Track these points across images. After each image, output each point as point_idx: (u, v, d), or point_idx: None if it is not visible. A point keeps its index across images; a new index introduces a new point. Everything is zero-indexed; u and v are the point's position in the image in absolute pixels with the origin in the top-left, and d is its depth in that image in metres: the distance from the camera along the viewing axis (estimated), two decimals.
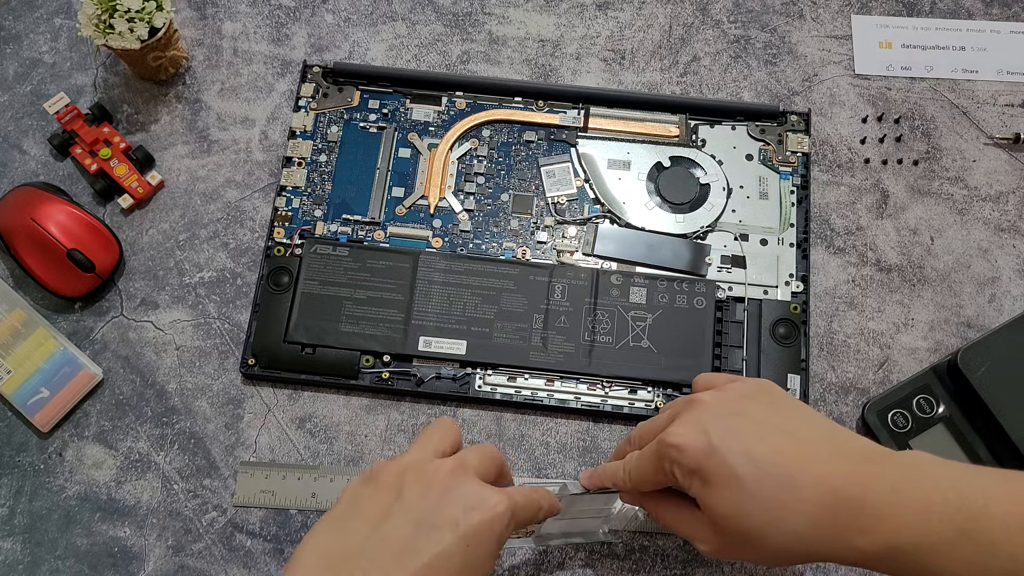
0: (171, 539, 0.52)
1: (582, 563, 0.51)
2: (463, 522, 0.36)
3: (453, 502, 0.37)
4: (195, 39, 0.64)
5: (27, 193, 0.57)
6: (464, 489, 0.38)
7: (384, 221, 0.58)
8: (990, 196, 0.60)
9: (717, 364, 0.54)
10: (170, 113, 0.62)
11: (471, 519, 0.36)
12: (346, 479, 0.53)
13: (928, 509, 0.34)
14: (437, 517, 0.37)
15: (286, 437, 0.54)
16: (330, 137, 0.60)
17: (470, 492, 0.38)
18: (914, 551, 0.34)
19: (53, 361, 0.54)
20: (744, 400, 0.40)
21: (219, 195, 0.60)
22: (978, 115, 0.62)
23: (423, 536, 0.36)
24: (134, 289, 0.57)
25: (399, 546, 0.36)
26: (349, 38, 0.64)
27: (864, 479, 0.35)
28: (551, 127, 0.60)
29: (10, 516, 0.52)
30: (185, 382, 0.55)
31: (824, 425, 0.39)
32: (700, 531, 0.40)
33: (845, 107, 0.62)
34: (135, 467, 0.53)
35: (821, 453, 0.37)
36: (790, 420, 0.39)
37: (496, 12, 0.65)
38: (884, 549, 0.34)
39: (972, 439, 0.52)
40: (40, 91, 0.62)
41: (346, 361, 0.54)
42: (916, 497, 0.34)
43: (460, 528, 0.36)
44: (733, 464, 0.36)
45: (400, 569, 0.35)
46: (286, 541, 0.52)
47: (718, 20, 0.65)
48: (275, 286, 0.56)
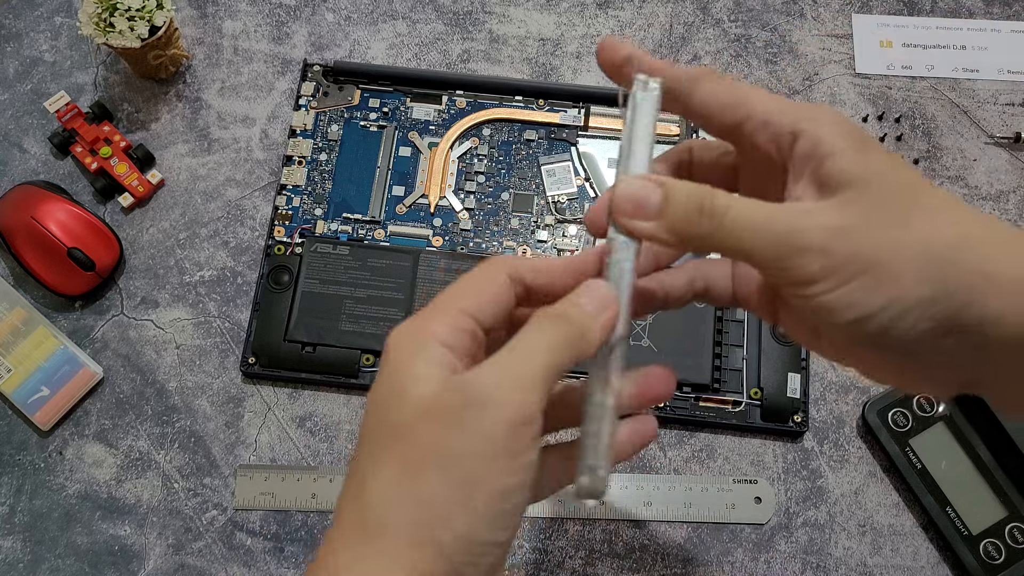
0: (171, 538, 0.52)
1: (582, 562, 0.51)
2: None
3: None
4: (195, 38, 0.64)
5: (27, 192, 0.57)
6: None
7: (384, 220, 0.58)
8: (991, 195, 0.60)
9: (717, 363, 0.54)
10: (170, 112, 0.62)
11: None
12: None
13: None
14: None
15: (286, 436, 0.54)
16: (330, 136, 0.60)
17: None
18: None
19: (53, 359, 0.54)
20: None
21: (219, 194, 0.60)
22: (979, 114, 0.62)
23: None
24: (134, 288, 0.57)
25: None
26: (349, 37, 0.64)
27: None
28: (551, 126, 0.60)
29: (10, 514, 0.52)
30: (185, 381, 0.55)
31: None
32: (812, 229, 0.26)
33: (846, 106, 0.62)
34: (135, 466, 0.53)
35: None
36: None
37: (497, 11, 0.65)
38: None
39: (972, 438, 0.52)
40: (40, 90, 0.62)
41: (346, 360, 0.54)
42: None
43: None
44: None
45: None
46: (286, 540, 0.52)
47: (719, 19, 0.64)
48: (275, 285, 0.56)
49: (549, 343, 0.27)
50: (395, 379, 0.28)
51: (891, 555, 0.52)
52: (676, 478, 0.53)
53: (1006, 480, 0.51)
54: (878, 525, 0.52)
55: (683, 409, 0.54)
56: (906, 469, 0.52)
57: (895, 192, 0.27)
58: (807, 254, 0.26)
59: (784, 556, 0.52)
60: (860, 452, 0.54)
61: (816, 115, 0.28)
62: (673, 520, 0.52)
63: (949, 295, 0.25)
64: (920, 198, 0.27)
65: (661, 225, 0.28)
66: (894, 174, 0.27)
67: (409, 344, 0.29)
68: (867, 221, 0.26)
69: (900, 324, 0.26)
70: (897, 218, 0.26)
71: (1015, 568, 0.49)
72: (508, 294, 0.30)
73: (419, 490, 0.26)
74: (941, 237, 0.26)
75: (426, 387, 0.27)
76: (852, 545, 0.52)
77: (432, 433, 0.26)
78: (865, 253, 0.26)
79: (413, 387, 0.27)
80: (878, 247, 0.26)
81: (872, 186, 0.26)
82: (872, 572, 0.52)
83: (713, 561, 0.51)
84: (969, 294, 0.25)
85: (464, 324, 0.29)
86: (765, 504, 0.53)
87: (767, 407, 0.54)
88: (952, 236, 0.26)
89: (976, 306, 0.25)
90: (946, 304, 0.25)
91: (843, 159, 0.27)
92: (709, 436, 0.54)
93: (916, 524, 0.52)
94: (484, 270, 0.30)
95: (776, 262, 0.27)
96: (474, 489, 0.26)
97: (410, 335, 0.29)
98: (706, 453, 0.54)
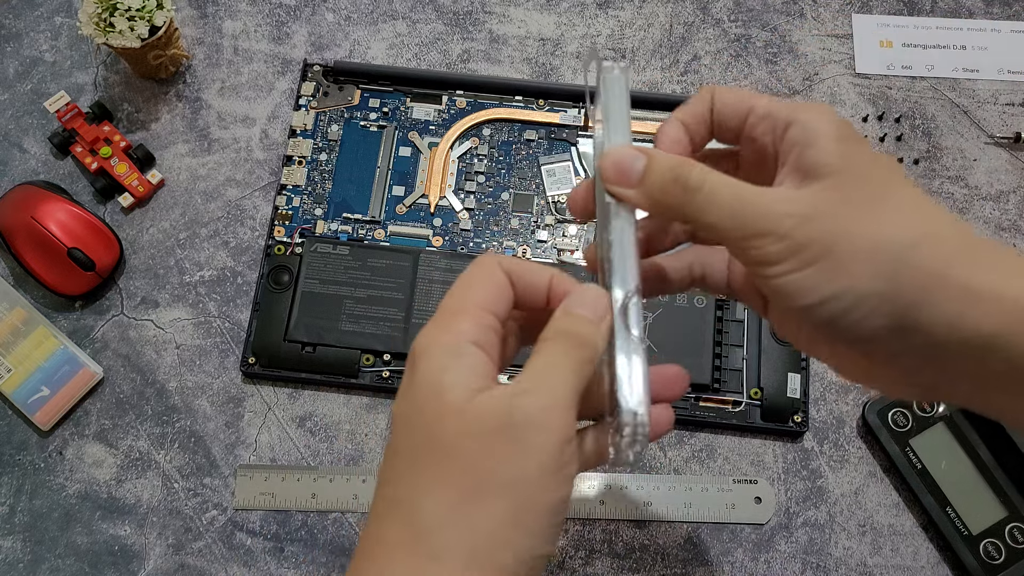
0: (171, 537, 0.52)
1: (582, 562, 0.51)
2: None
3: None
4: (195, 38, 0.64)
5: (27, 192, 0.57)
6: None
7: (384, 220, 0.58)
8: (991, 195, 0.60)
9: (717, 363, 0.54)
10: (170, 112, 0.62)
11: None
12: (346, 479, 0.53)
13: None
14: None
15: (286, 436, 0.54)
16: (330, 136, 0.60)
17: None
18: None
19: (53, 359, 0.54)
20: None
21: (219, 194, 0.60)
22: (979, 114, 0.62)
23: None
24: (134, 288, 0.57)
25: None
26: (349, 37, 0.64)
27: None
28: (551, 126, 0.60)
29: (10, 514, 0.52)
30: (185, 381, 0.55)
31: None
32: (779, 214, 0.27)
33: (846, 106, 0.62)
34: (135, 466, 0.53)
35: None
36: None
37: (497, 11, 0.65)
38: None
39: (972, 438, 0.52)
40: (40, 90, 0.62)
41: (346, 360, 0.54)
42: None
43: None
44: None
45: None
46: (286, 540, 0.52)
47: (719, 19, 0.64)
48: (275, 285, 0.56)
49: (574, 364, 0.28)
50: (430, 390, 0.28)
51: (891, 555, 0.52)
52: (676, 478, 0.53)
53: (1006, 480, 0.51)
54: (878, 525, 0.52)
55: (683, 409, 0.54)
56: (906, 469, 0.52)
57: (866, 186, 0.27)
58: (768, 236, 0.27)
59: (784, 556, 0.52)
60: (860, 452, 0.54)
61: (812, 108, 0.29)
62: (673, 520, 0.52)
63: (901, 293, 0.26)
64: (889, 194, 0.27)
65: (640, 191, 0.30)
66: (870, 169, 0.28)
67: (439, 351, 0.28)
68: (831, 210, 0.27)
69: (852, 315, 0.26)
70: (862, 211, 0.27)
71: (1015, 568, 0.49)
72: (510, 288, 0.31)
73: (477, 515, 0.26)
74: (901, 235, 0.26)
75: (467, 400, 0.27)
76: (852, 545, 0.52)
77: (486, 458, 0.27)
78: (824, 240, 0.26)
79: (453, 399, 0.27)
80: (836, 235, 0.26)
81: (845, 178, 0.27)
82: (872, 572, 0.52)
83: (713, 561, 0.51)
84: (921, 294, 0.26)
85: (487, 320, 0.29)
86: (765, 504, 0.53)
87: (767, 407, 0.54)
88: (913, 235, 0.26)
89: (927, 308, 0.26)
90: (898, 302, 0.26)
91: (824, 150, 0.27)
92: (709, 436, 0.54)
93: (916, 524, 0.52)
94: (482, 266, 0.31)
95: (739, 240, 0.28)
96: (530, 509, 0.27)
97: (438, 339, 0.29)
98: (706, 453, 0.54)
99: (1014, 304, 0.25)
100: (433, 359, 0.28)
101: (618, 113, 0.32)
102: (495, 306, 0.30)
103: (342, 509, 0.52)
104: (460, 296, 0.30)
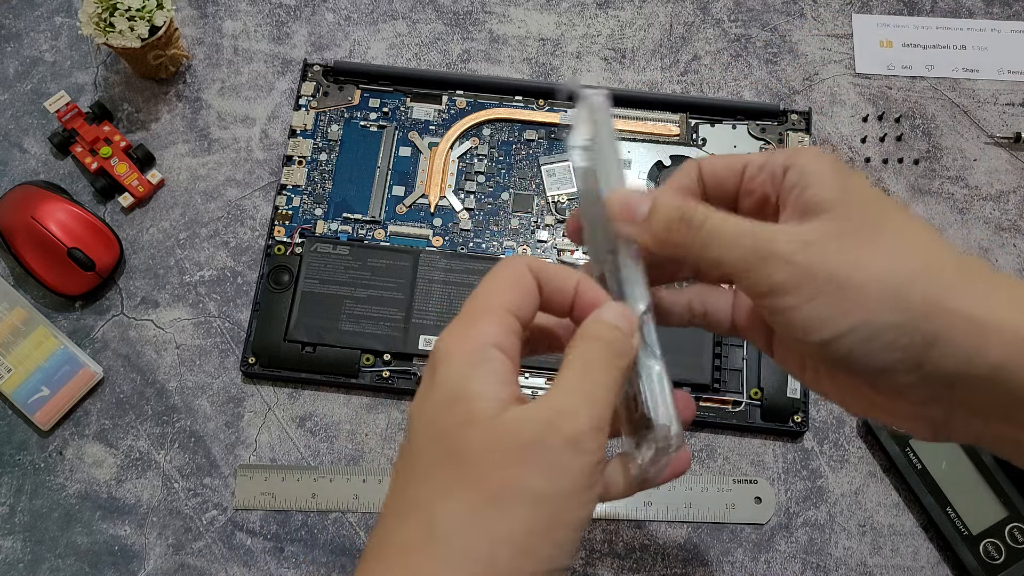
0: (171, 537, 0.52)
1: (582, 562, 0.51)
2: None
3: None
4: (195, 37, 0.64)
5: (27, 192, 0.57)
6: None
7: (384, 220, 0.58)
8: (991, 195, 0.60)
9: (717, 363, 0.54)
10: (170, 112, 0.62)
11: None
12: (346, 479, 0.53)
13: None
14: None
15: (286, 436, 0.54)
16: (330, 136, 0.60)
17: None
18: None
19: (53, 359, 0.54)
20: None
21: (219, 194, 0.60)
22: (979, 114, 0.62)
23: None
24: (134, 288, 0.57)
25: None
26: (349, 37, 0.64)
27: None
28: (551, 126, 0.60)
29: (10, 514, 0.52)
30: (185, 381, 0.55)
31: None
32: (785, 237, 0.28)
33: (846, 106, 0.62)
34: (135, 466, 0.53)
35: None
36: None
37: (497, 11, 0.65)
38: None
39: None
40: (40, 89, 0.62)
41: (346, 360, 0.54)
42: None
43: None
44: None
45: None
46: (286, 540, 0.52)
47: (719, 19, 0.64)
48: (275, 285, 0.56)
49: (612, 380, 0.28)
50: (453, 396, 0.27)
51: (891, 555, 0.52)
52: (676, 478, 0.53)
53: (1006, 480, 0.51)
54: (878, 525, 0.52)
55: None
56: (906, 469, 0.52)
57: (866, 217, 0.28)
58: (772, 262, 0.27)
59: (784, 556, 0.52)
60: (860, 452, 0.54)
61: (807, 152, 0.30)
62: (673, 520, 0.52)
63: (915, 325, 0.26)
64: (888, 225, 0.28)
65: (646, 229, 0.30)
66: (868, 202, 0.28)
67: (462, 355, 0.28)
68: (834, 238, 0.27)
69: (868, 347, 0.26)
70: (864, 240, 0.27)
71: (1015, 568, 0.49)
72: (537, 291, 0.30)
73: (499, 521, 0.26)
74: (903, 266, 0.27)
75: (496, 412, 0.27)
76: (852, 545, 0.52)
77: (514, 469, 0.26)
78: (828, 266, 0.27)
79: (480, 410, 0.27)
80: (840, 262, 0.27)
81: (845, 211, 0.28)
82: (872, 572, 0.52)
83: (713, 561, 0.51)
84: (932, 325, 0.26)
85: (511, 324, 0.29)
86: (765, 504, 0.53)
87: (767, 407, 0.54)
88: (914, 266, 0.27)
89: (942, 340, 0.26)
90: (913, 335, 0.26)
91: (822, 187, 0.28)
92: (709, 436, 0.54)
93: (916, 524, 0.52)
94: (511, 267, 0.30)
95: (745, 272, 0.28)
96: (559, 522, 0.27)
97: (461, 343, 0.28)
98: (706, 453, 0.54)
99: (1014, 335, 0.26)
100: (455, 365, 0.28)
101: (612, 156, 0.32)
102: (521, 309, 0.29)
103: (342, 509, 0.52)
104: (486, 296, 0.29)
